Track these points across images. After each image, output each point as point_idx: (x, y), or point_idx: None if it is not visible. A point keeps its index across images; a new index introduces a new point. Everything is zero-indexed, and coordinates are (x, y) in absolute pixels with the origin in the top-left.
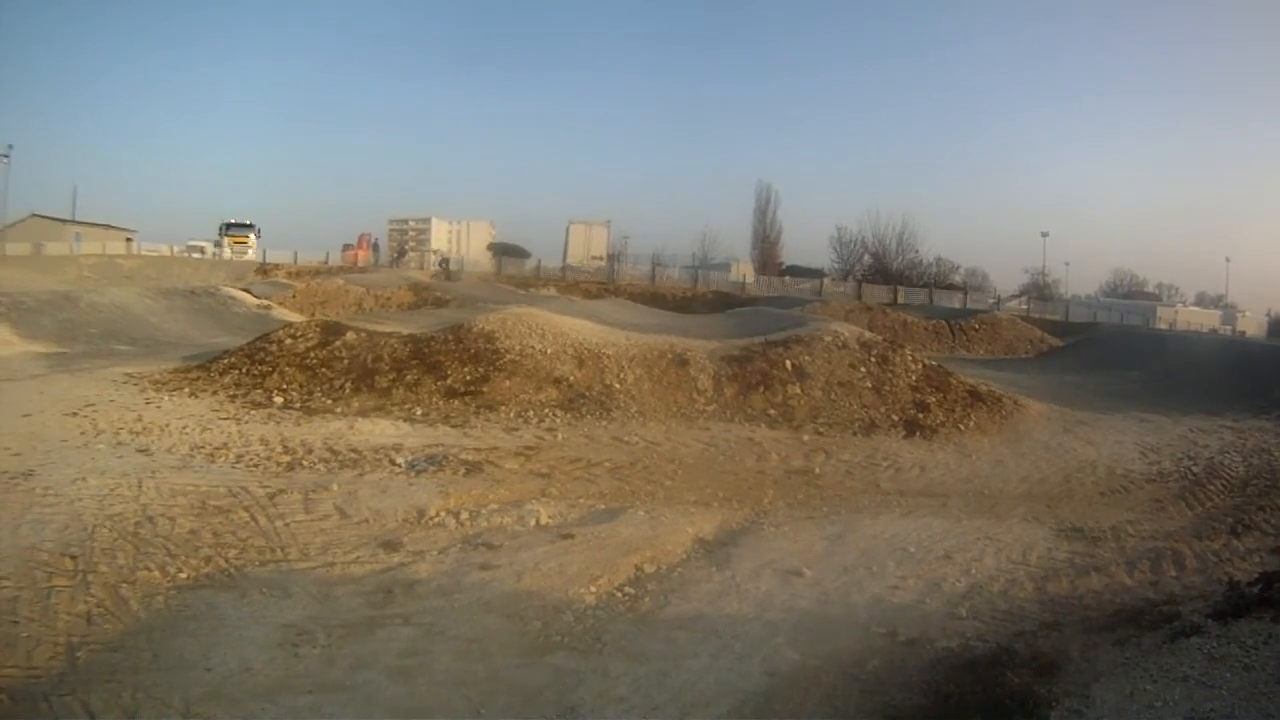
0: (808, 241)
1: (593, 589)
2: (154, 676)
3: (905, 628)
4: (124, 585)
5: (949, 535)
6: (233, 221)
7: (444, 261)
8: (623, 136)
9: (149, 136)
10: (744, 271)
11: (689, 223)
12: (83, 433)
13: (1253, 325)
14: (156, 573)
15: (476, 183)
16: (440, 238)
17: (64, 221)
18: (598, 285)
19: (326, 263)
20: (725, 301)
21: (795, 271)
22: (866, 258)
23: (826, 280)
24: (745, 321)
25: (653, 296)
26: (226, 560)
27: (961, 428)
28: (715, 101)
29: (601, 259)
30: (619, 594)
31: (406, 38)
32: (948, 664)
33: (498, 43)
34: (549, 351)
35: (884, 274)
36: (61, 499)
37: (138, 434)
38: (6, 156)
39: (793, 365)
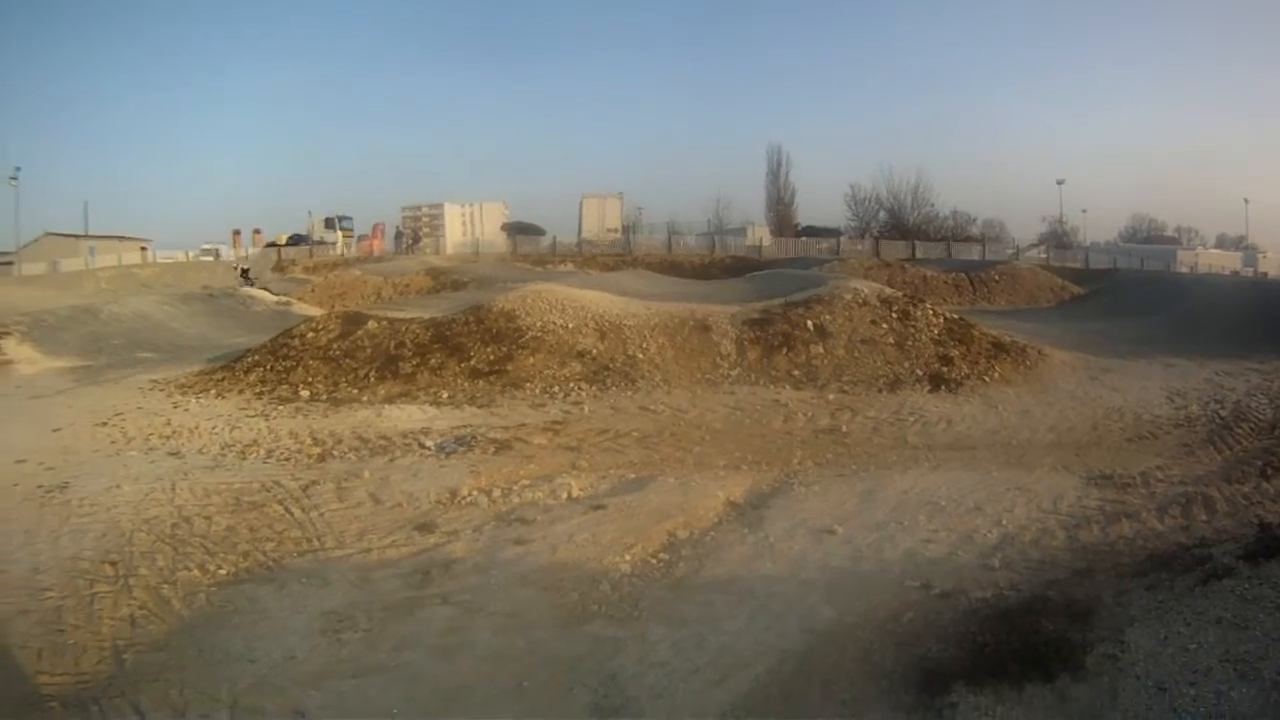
0: (822, 201)
1: (627, 557)
2: (200, 672)
3: (939, 580)
4: (165, 586)
5: (979, 487)
6: (341, 215)
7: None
8: (630, 107)
9: (153, 145)
10: (760, 235)
11: (703, 189)
12: (113, 442)
13: (1274, 266)
14: (196, 571)
15: (486, 165)
16: (454, 222)
17: (78, 237)
18: (615, 258)
19: (343, 255)
20: (743, 266)
21: (811, 232)
22: (882, 214)
23: (843, 239)
24: (764, 284)
25: (671, 265)
26: (264, 554)
27: (986, 379)
28: (721, 66)
29: (617, 231)
30: (653, 561)
31: (402, 26)
32: (982, 614)
33: (494, 23)
34: (570, 326)
35: (900, 230)
36: (98, 508)
37: (168, 438)
38: (15, 179)
39: (814, 325)
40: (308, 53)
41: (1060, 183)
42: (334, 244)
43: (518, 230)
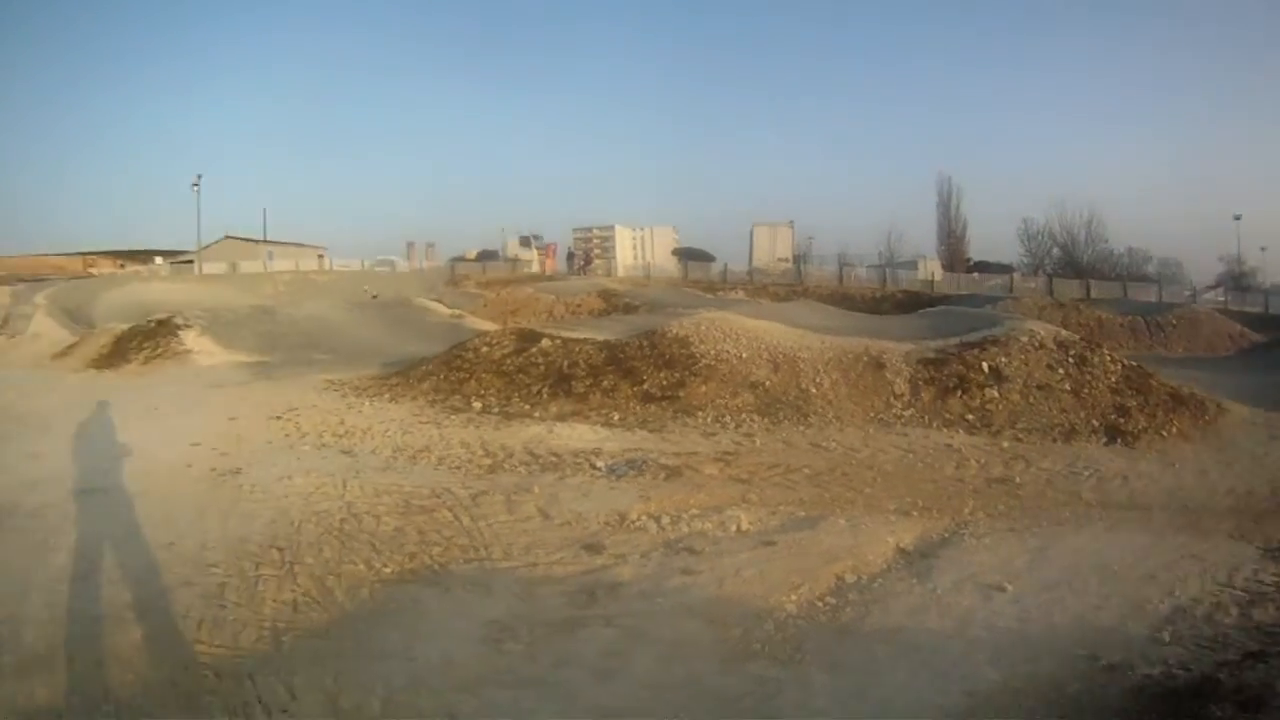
0: (993, 234)
1: (793, 597)
2: (356, 664)
3: (1107, 651)
4: (330, 577)
5: (1153, 552)
6: (534, 234)
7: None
8: (802, 133)
9: (331, 156)
10: (931, 269)
11: (874, 219)
12: (287, 435)
13: None
14: (362, 566)
15: (657, 188)
16: (625, 245)
17: (256, 241)
18: (785, 288)
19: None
20: (915, 301)
21: (983, 268)
22: (1055, 250)
23: (1015, 276)
24: (937, 322)
25: (842, 298)
26: (430, 557)
27: (1164, 434)
28: (893, 93)
29: (787, 260)
30: (820, 604)
31: (577, 48)
32: (1149, 692)
33: (667, 50)
34: (744, 356)
35: (1074, 267)
36: (269, 495)
37: (341, 436)
38: (196, 184)
39: (989, 367)
40: (481, 73)
41: (1237, 218)
42: (529, 262)
43: (688, 255)
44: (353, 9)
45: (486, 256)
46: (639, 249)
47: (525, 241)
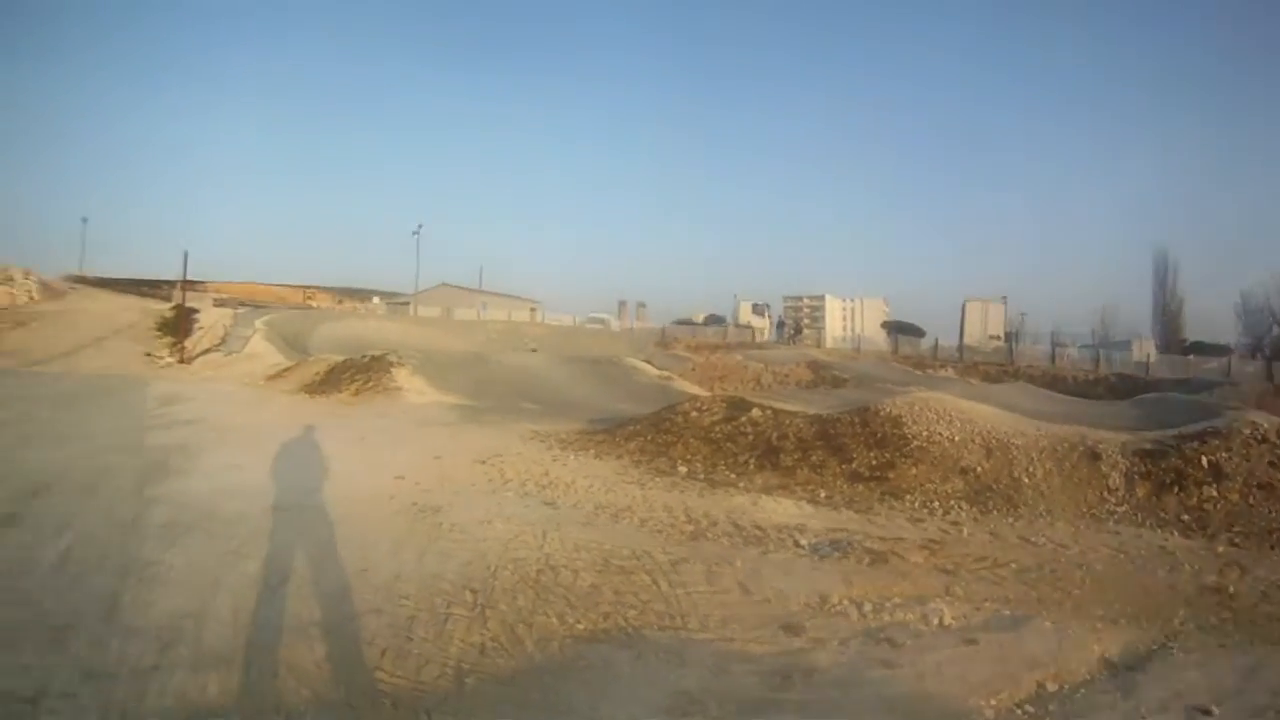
0: (1209, 310)
1: (993, 702)
2: (539, 715)
3: None
4: (520, 625)
5: None
6: (765, 303)
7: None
8: (1016, 205)
9: (550, 216)
10: (1146, 350)
11: (1087, 294)
12: (490, 480)
13: None
14: (554, 620)
15: (868, 257)
16: (834, 315)
17: (471, 290)
18: (996, 367)
19: (725, 338)
20: (1129, 385)
21: (1199, 349)
22: (1275, 329)
23: (1233, 357)
24: (1153, 410)
25: (1053, 379)
26: (625, 619)
27: None
28: (1110, 164)
29: (999, 338)
30: (1019, 711)
31: (793, 119)
32: None
33: (887, 118)
34: (956, 439)
35: None
36: (467, 537)
37: (544, 487)
38: (417, 233)
39: (1209, 463)
40: (694, 142)
41: None
42: (762, 329)
43: (897, 329)
44: (579, 83)
45: (714, 321)
46: (848, 319)
47: (759, 310)
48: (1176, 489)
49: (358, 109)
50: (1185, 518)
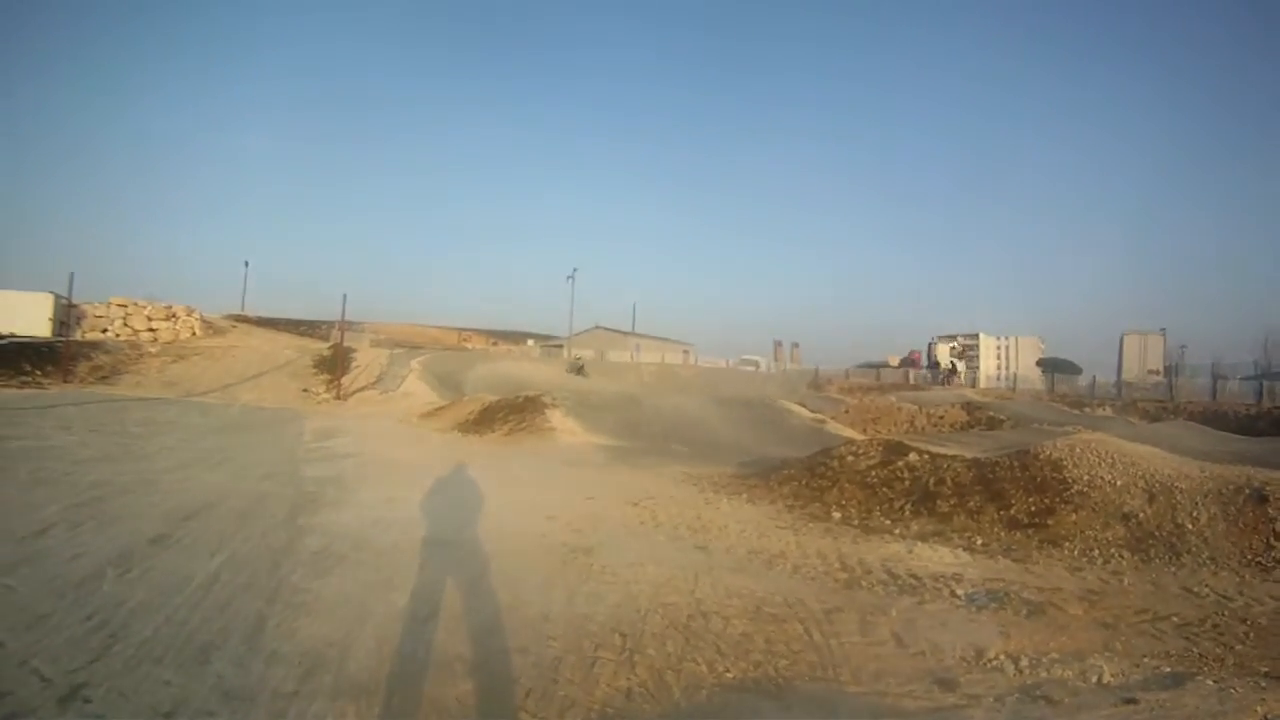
0: None
1: None
2: None
3: None
4: (669, 672)
5: None
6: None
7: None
8: (1168, 233)
9: (701, 261)
10: None
11: (1248, 323)
12: (642, 522)
13: None
14: (703, 667)
15: (1023, 294)
16: (989, 353)
17: (624, 333)
18: (1155, 404)
19: (878, 379)
20: None
21: None
22: None
23: None
24: None
25: (1215, 415)
26: (776, 669)
27: None
28: (1265, 183)
29: (1158, 373)
30: None
31: (936, 152)
32: None
33: (1032, 146)
34: (1118, 484)
35: None
36: (617, 579)
37: (695, 531)
38: (571, 277)
39: None
40: (844, 182)
41: None
42: (961, 373)
43: (1053, 367)
44: (733, 126)
45: (908, 364)
46: (1003, 358)
47: (956, 352)
48: None
49: (515, 157)
50: None
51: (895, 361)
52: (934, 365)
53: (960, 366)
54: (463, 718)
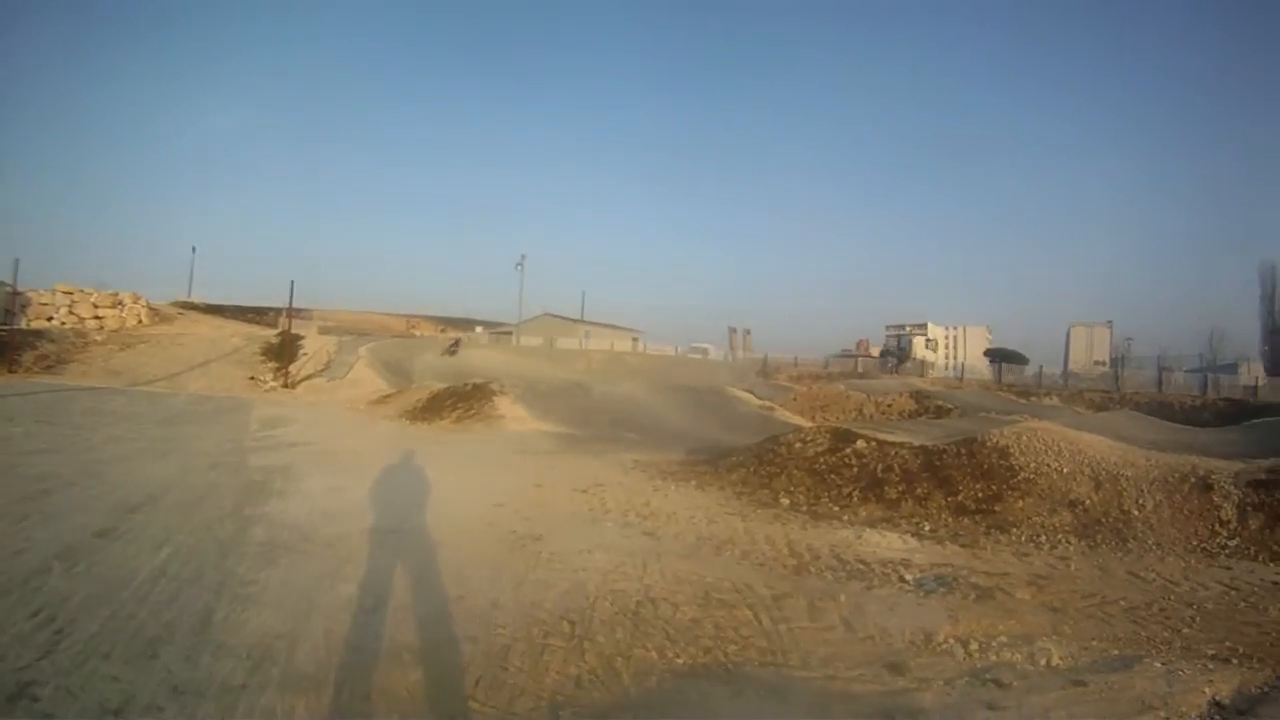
0: None
1: None
2: None
3: None
4: (619, 659)
5: None
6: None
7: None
8: (1115, 224)
9: (650, 246)
10: (1255, 373)
11: (1195, 317)
12: (591, 509)
13: None
14: (653, 653)
15: (970, 285)
16: (925, 343)
17: (574, 320)
18: (1101, 394)
19: (827, 367)
20: (1237, 410)
21: None
22: None
23: None
24: (1264, 436)
25: (1160, 406)
26: (725, 655)
27: None
28: (1215, 177)
29: (1104, 364)
30: None
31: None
32: None
33: (985, 138)
34: (1065, 471)
35: None
36: (566, 566)
37: (644, 518)
38: (520, 264)
39: None
40: (814, 162)
41: None
42: (933, 364)
43: (1000, 357)
44: (678, 111)
45: (891, 356)
46: (950, 348)
47: (929, 344)
48: None
49: (462, 143)
50: None
51: (876, 351)
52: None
53: (934, 358)
54: (412, 707)
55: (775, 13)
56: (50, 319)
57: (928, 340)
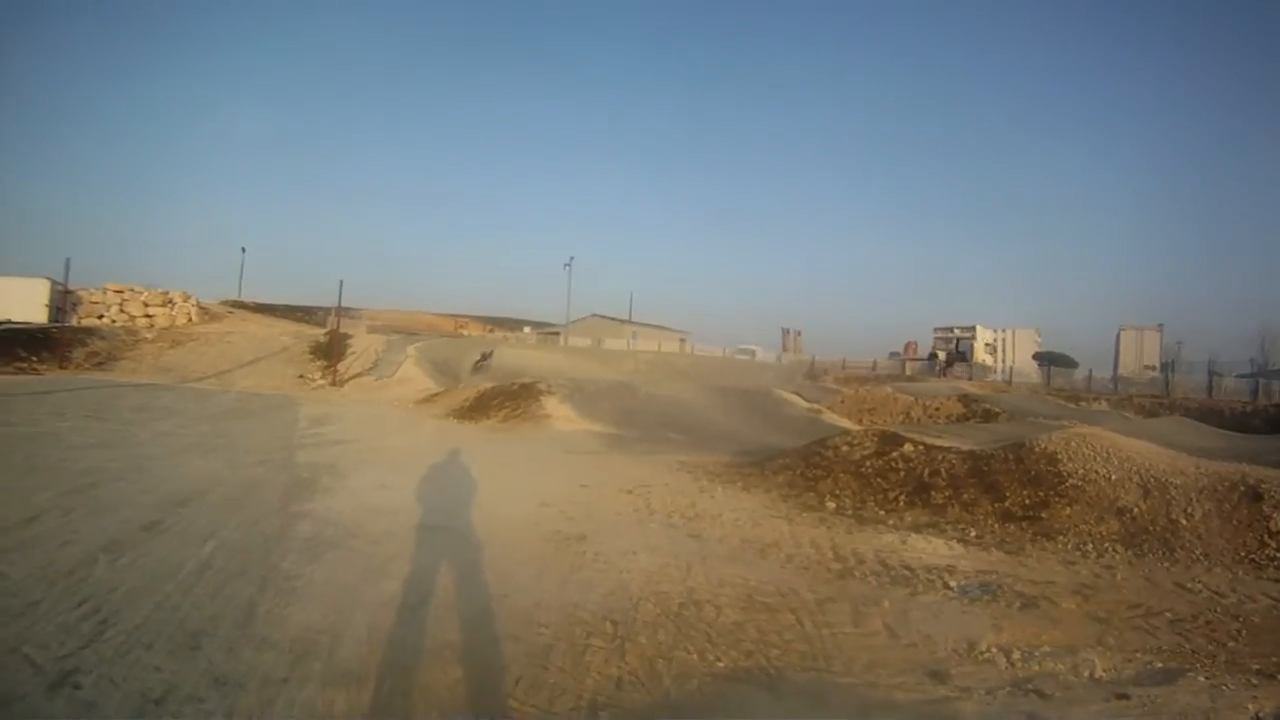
0: None
1: None
2: None
3: None
4: (660, 660)
5: None
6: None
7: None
8: (1167, 229)
9: (698, 248)
10: None
11: (1246, 320)
12: (636, 510)
13: None
14: (694, 656)
15: (1020, 287)
16: (984, 346)
17: (621, 321)
18: (1151, 399)
19: (874, 369)
20: None
21: None
22: None
23: None
24: None
25: (1209, 412)
26: (767, 659)
27: None
28: (1264, 181)
29: (1154, 368)
30: None
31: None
32: None
33: (1033, 143)
34: (1113, 478)
35: None
36: (610, 567)
37: (690, 519)
38: (568, 265)
39: None
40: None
41: None
42: (994, 369)
43: (1049, 360)
44: (734, 116)
45: (958, 357)
46: (1000, 351)
47: (990, 348)
48: None
49: (514, 145)
50: None
51: (942, 355)
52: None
53: (991, 361)
54: (452, 705)
55: (825, 8)
56: (101, 317)
57: (988, 344)
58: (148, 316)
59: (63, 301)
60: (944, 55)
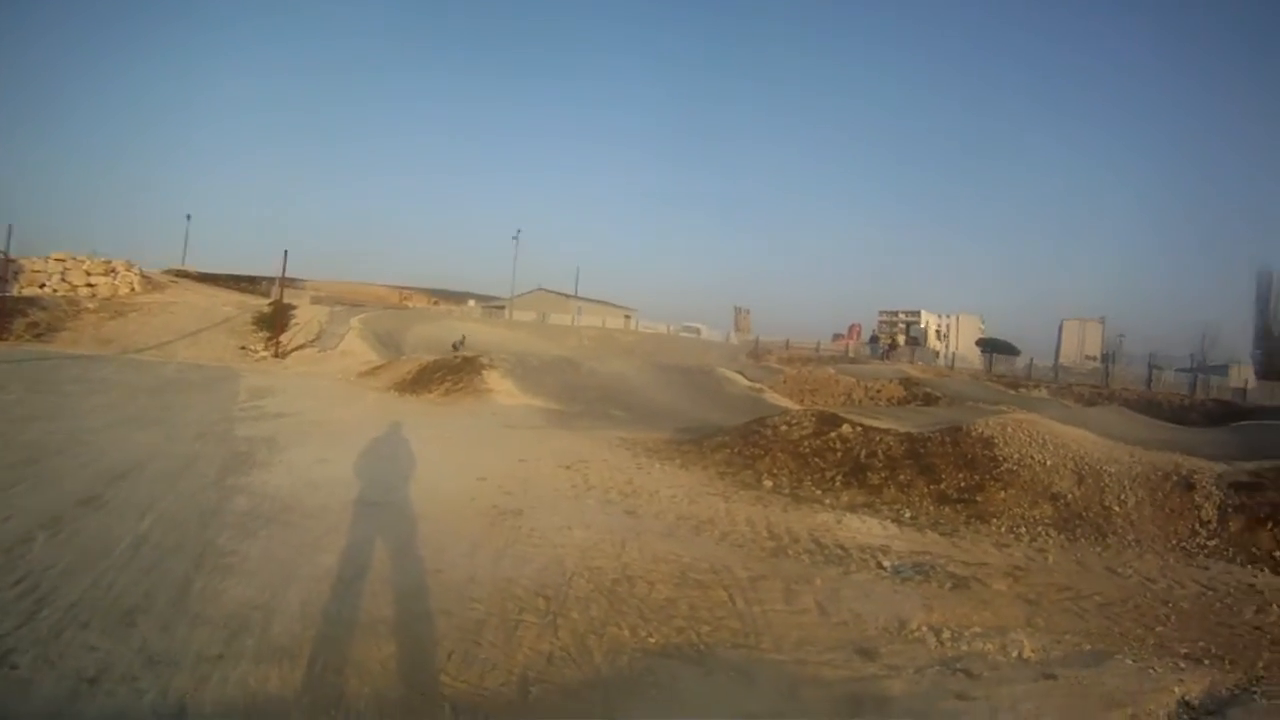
0: None
1: None
2: None
3: None
4: (591, 636)
5: None
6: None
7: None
8: (1114, 224)
9: (647, 225)
10: (1245, 376)
11: (1189, 317)
12: (574, 485)
13: None
14: (626, 632)
15: (965, 275)
16: (929, 331)
17: (568, 296)
18: (1090, 389)
19: (817, 350)
20: (1225, 411)
21: None
22: None
23: None
24: (1251, 439)
25: (1148, 404)
26: (698, 635)
27: None
28: (1211, 182)
29: (1095, 359)
30: None
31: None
32: None
33: (982, 131)
34: (1048, 464)
35: None
36: (545, 542)
37: (626, 495)
38: (516, 237)
39: None
40: (792, 154)
41: None
42: (938, 352)
43: (991, 347)
44: (680, 88)
45: (913, 342)
46: (943, 335)
47: (941, 334)
48: (1271, 524)
49: (459, 114)
50: (1278, 554)
51: (901, 340)
52: (874, 339)
53: (939, 346)
54: (385, 680)
55: None
56: (42, 286)
57: (939, 329)
58: (90, 286)
59: (4, 270)
60: (895, 40)
